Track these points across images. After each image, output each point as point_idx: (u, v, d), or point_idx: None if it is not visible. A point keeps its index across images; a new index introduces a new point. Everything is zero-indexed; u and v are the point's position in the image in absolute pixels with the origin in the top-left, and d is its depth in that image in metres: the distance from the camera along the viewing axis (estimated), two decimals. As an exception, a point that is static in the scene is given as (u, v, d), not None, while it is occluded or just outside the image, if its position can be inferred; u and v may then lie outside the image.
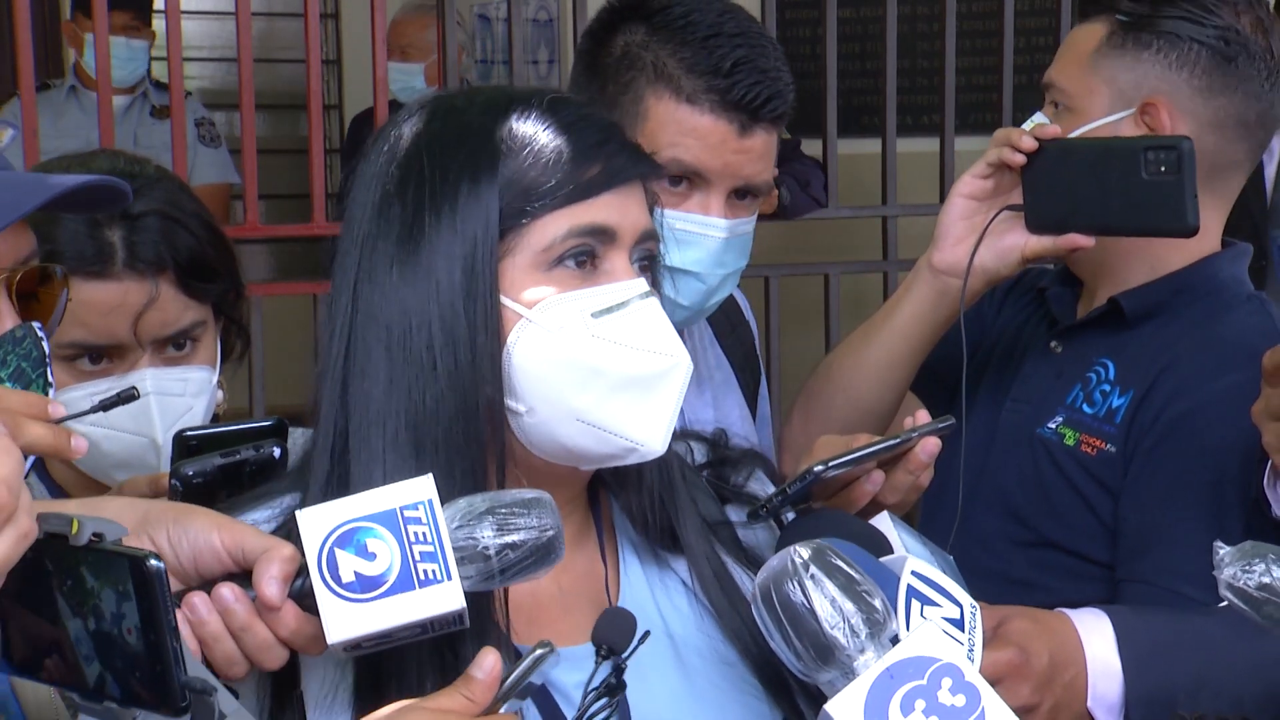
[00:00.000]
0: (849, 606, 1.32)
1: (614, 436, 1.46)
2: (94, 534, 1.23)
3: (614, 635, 1.38)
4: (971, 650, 1.43)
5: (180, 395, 1.92)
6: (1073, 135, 2.13)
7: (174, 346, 1.93)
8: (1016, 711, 1.62)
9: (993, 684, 1.58)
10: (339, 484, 1.46)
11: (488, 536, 1.33)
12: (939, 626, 1.41)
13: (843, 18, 4.15)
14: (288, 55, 6.67)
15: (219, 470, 1.62)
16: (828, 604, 1.32)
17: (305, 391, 1.56)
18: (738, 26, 2.03)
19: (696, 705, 1.51)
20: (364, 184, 1.52)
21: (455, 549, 1.32)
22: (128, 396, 1.62)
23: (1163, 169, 2.00)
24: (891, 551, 1.53)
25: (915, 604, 1.41)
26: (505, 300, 1.46)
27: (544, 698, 1.44)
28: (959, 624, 1.44)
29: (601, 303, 1.46)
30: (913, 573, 1.44)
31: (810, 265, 4.37)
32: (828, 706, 1.30)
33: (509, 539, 1.33)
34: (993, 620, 1.63)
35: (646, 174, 1.54)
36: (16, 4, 3.37)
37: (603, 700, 1.36)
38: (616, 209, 1.48)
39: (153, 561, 1.22)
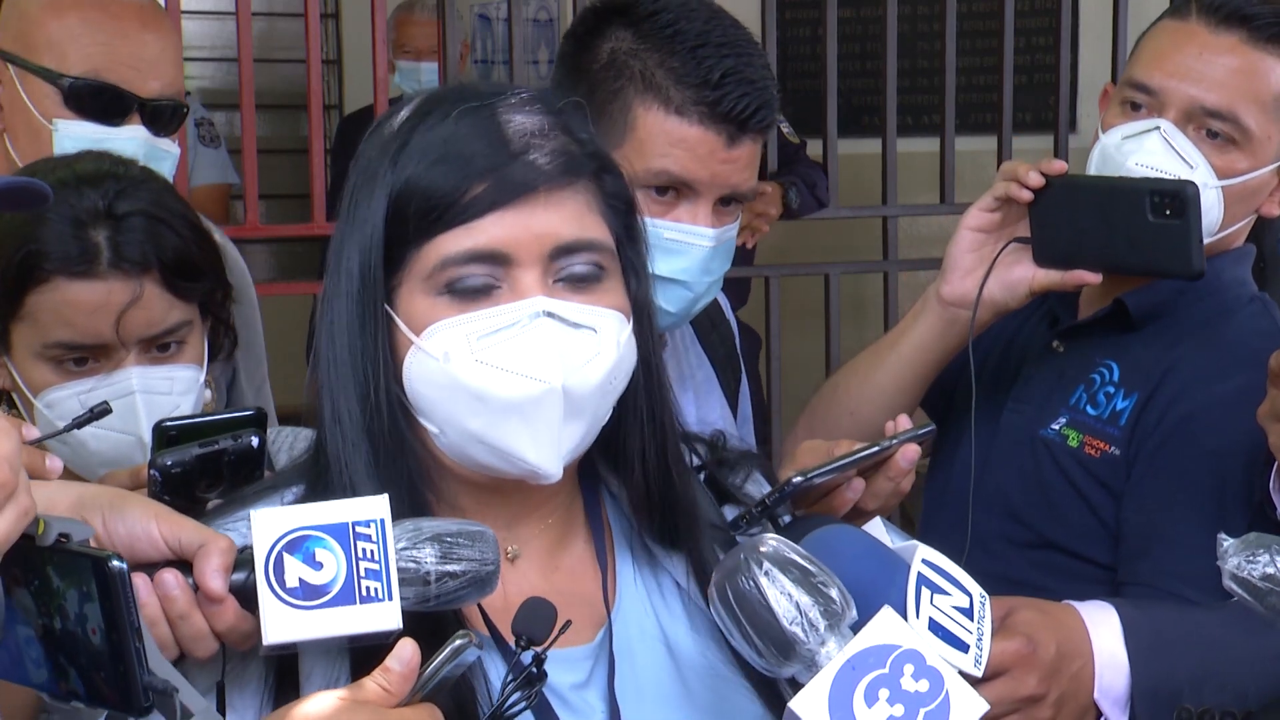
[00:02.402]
0: (805, 600, 1.31)
1: (515, 459, 1.44)
2: (61, 535, 1.24)
3: (533, 626, 1.37)
4: (980, 639, 1.43)
5: (167, 394, 1.92)
6: (1238, 180, 2.09)
7: (159, 347, 1.93)
8: (1023, 701, 1.62)
9: (1000, 673, 1.58)
10: (322, 485, 1.48)
11: (430, 562, 1.34)
12: (946, 613, 1.41)
13: (843, 18, 4.15)
14: (288, 55, 6.66)
15: (197, 460, 1.63)
16: (784, 599, 1.31)
17: (304, 392, 1.57)
18: (724, 35, 2.01)
19: (689, 706, 1.50)
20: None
21: (398, 570, 1.33)
22: (101, 412, 1.63)
23: (1168, 213, 1.99)
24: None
25: (925, 592, 1.41)
26: (399, 323, 1.45)
27: (538, 699, 1.43)
28: (968, 613, 1.43)
29: (486, 326, 1.42)
30: (923, 560, 1.43)
31: (810, 265, 4.38)
32: (791, 704, 1.30)
33: (450, 568, 1.34)
34: (1000, 610, 1.63)
35: (549, 185, 1.44)
36: (16, 4, 3.36)
37: (520, 692, 1.35)
38: (511, 227, 1.42)
39: (115, 562, 1.22)
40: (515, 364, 1.41)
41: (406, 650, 1.28)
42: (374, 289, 1.44)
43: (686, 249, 2.00)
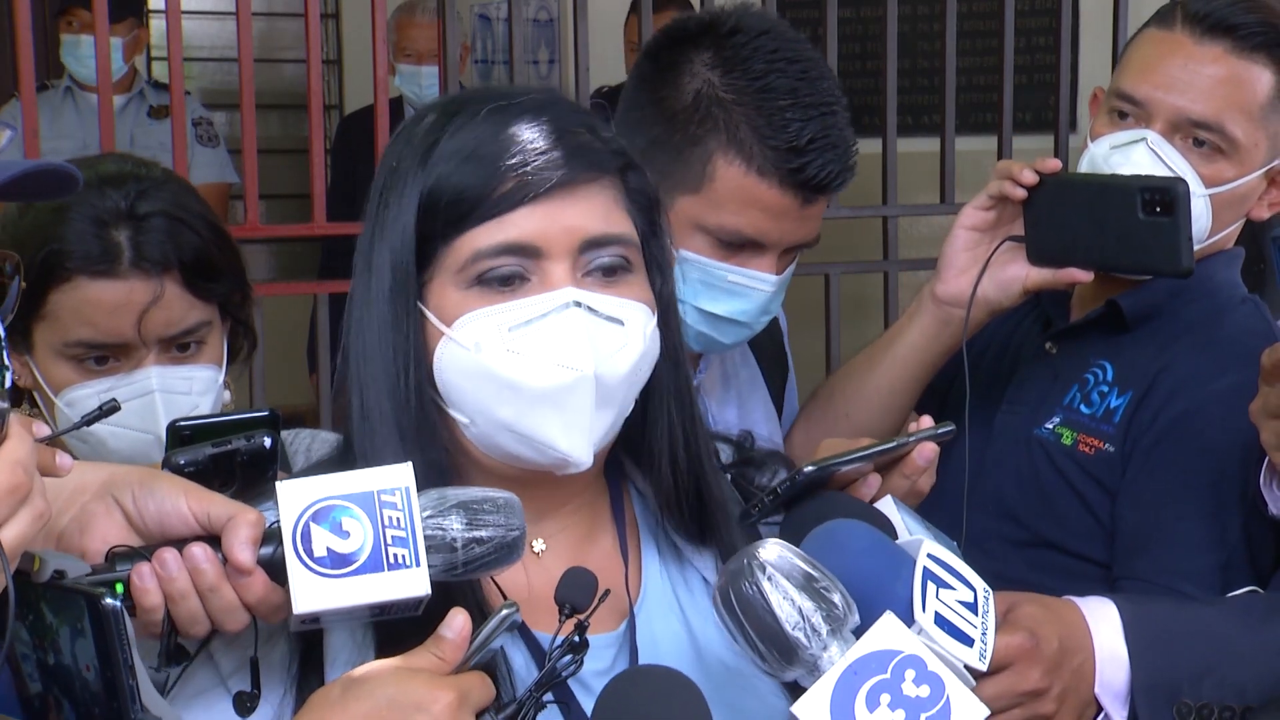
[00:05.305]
0: (808, 605, 1.32)
1: (545, 447, 1.47)
2: (56, 571, 1.24)
3: (576, 594, 1.40)
4: (985, 633, 1.44)
5: (186, 394, 1.93)
6: (1226, 188, 2.11)
7: (179, 347, 1.94)
8: (1026, 695, 1.63)
9: (1004, 667, 1.59)
10: None
11: (457, 529, 1.36)
12: (951, 608, 1.41)
13: (843, 18, 4.14)
14: (288, 55, 6.69)
15: (210, 460, 1.63)
16: (786, 604, 1.32)
17: (305, 392, 1.58)
18: (812, 92, 1.98)
19: (710, 700, 1.51)
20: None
21: (424, 537, 1.35)
22: (110, 409, 1.64)
23: (1158, 210, 2.00)
24: (895, 535, 1.54)
25: (931, 586, 1.42)
26: (430, 316, 1.47)
27: (560, 686, 1.44)
28: (972, 607, 1.44)
29: (518, 317, 1.45)
30: (928, 555, 1.45)
31: (810, 265, 4.36)
32: (794, 709, 1.32)
33: (477, 534, 1.36)
34: (1003, 605, 1.64)
35: (575, 180, 1.47)
36: (17, 4, 3.36)
37: (567, 657, 1.38)
38: (541, 220, 1.45)
39: (108, 600, 1.23)
40: (547, 353, 1.44)
41: (459, 620, 1.32)
42: (407, 284, 1.47)
43: (748, 293, 2.02)
